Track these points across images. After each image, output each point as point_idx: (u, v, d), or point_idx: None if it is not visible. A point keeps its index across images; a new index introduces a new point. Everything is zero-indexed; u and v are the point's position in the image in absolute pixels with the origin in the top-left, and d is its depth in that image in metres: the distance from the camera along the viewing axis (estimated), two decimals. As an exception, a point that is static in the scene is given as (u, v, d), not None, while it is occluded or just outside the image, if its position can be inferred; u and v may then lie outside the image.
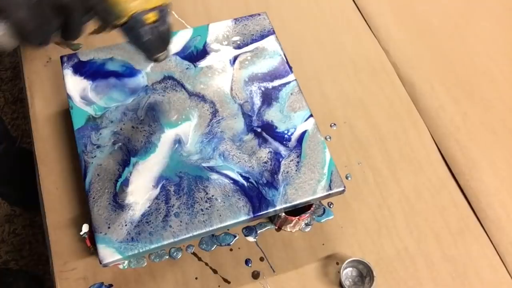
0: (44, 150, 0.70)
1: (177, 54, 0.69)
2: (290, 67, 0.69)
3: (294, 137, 0.63)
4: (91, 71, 0.67)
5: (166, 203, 0.58)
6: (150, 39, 0.51)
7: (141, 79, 0.67)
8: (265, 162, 0.61)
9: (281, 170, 0.61)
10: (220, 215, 0.57)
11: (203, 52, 0.70)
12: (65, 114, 0.73)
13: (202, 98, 0.66)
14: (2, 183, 1.11)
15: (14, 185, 1.13)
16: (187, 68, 0.68)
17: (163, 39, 0.53)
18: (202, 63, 0.69)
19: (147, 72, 0.67)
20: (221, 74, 0.68)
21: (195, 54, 0.70)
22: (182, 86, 0.67)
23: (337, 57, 0.83)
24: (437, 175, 0.73)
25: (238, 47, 0.71)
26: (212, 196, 0.58)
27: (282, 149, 0.62)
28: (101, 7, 0.48)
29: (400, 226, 0.68)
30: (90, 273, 0.62)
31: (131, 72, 0.67)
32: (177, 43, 0.70)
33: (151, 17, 0.49)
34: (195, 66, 0.69)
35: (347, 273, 0.64)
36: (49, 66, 0.78)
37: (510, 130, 0.78)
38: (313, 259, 0.65)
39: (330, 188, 0.60)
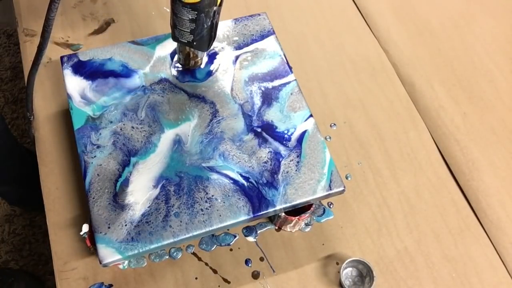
0: (44, 150, 0.70)
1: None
2: (290, 67, 0.69)
3: (294, 137, 0.63)
4: (91, 71, 0.67)
5: (166, 203, 0.58)
6: (212, 23, 0.58)
7: (140, 79, 0.67)
8: (265, 162, 0.61)
9: (281, 170, 0.61)
10: (220, 215, 0.57)
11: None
12: (65, 114, 0.73)
13: (202, 98, 0.66)
14: (2, 183, 1.11)
15: (14, 185, 1.13)
16: (187, 68, 0.68)
17: (216, 30, 0.61)
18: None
19: (146, 73, 0.67)
20: (222, 75, 0.68)
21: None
22: (181, 87, 0.67)
23: (337, 57, 0.83)
24: (437, 175, 0.73)
25: (238, 47, 0.71)
26: (212, 196, 0.58)
27: (282, 149, 0.62)
28: None
29: (400, 226, 0.68)
30: (90, 273, 0.62)
31: (130, 72, 0.67)
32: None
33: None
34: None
35: (347, 273, 0.64)
36: (49, 66, 0.78)
37: (510, 130, 0.78)
38: (313, 259, 0.65)
39: (330, 188, 0.60)
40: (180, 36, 0.60)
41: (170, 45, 0.70)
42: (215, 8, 0.56)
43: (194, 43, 0.60)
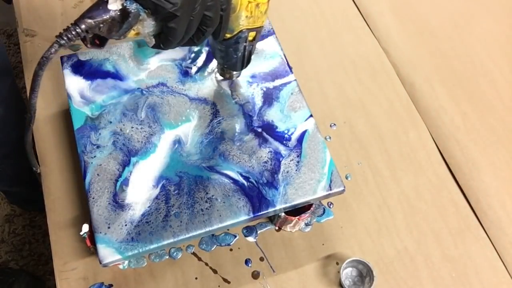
0: (44, 150, 0.70)
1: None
2: (290, 67, 0.69)
3: (294, 137, 0.63)
4: (90, 71, 0.67)
5: (166, 203, 0.58)
6: (244, 55, 0.57)
7: (140, 79, 0.67)
8: (265, 162, 0.61)
9: (281, 170, 0.61)
10: (220, 215, 0.57)
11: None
12: (65, 114, 0.73)
13: (203, 99, 0.66)
14: (3, 183, 1.11)
15: (14, 185, 1.13)
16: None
17: (250, 58, 0.59)
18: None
19: (146, 73, 0.67)
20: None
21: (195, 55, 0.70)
22: (182, 88, 0.67)
23: (337, 57, 0.83)
24: (437, 175, 0.73)
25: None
26: (212, 196, 0.58)
27: (282, 149, 0.62)
28: (221, 24, 0.51)
29: (400, 226, 0.68)
30: (90, 273, 0.62)
31: (130, 72, 0.67)
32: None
33: (252, 35, 0.56)
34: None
35: (347, 273, 0.64)
36: (49, 66, 0.78)
37: (510, 130, 0.78)
38: (313, 259, 0.65)
39: (330, 188, 0.60)
40: (214, 55, 0.61)
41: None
42: (245, 44, 0.56)
43: (225, 66, 0.61)
